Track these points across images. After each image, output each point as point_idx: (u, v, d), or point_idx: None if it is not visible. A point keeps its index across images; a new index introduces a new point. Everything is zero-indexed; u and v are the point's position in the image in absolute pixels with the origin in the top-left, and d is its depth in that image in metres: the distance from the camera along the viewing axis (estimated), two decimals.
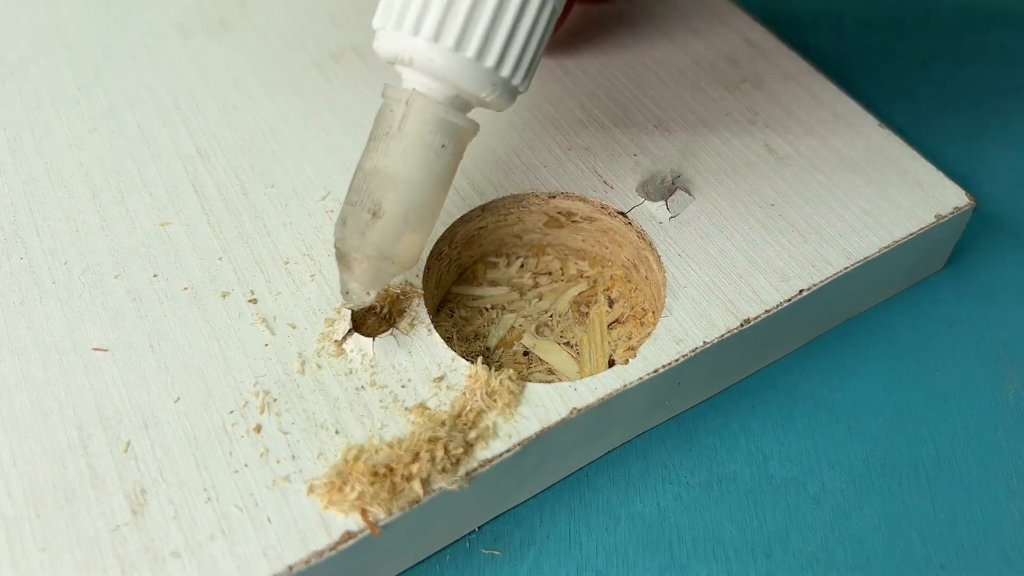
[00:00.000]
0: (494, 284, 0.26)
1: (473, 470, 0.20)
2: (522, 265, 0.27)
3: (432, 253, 0.24)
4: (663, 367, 0.22)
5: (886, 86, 0.34)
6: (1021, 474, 0.23)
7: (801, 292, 0.23)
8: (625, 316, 0.25)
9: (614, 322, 0.25)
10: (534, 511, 0.23)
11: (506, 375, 0.21)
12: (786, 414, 0.25)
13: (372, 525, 0.19)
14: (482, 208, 0.25)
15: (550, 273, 0.27)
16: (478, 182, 0.26)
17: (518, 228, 0.26)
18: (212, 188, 0.26)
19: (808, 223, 0.25)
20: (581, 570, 0.22)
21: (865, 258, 0.24)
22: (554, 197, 0.26)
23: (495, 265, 0.27)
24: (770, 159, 0.26)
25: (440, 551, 0.22)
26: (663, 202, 0.25)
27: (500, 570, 0.22)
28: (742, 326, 0.23)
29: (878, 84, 0.34)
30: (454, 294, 0.26)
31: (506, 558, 0.22)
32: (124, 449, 0.20)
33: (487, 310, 0.26)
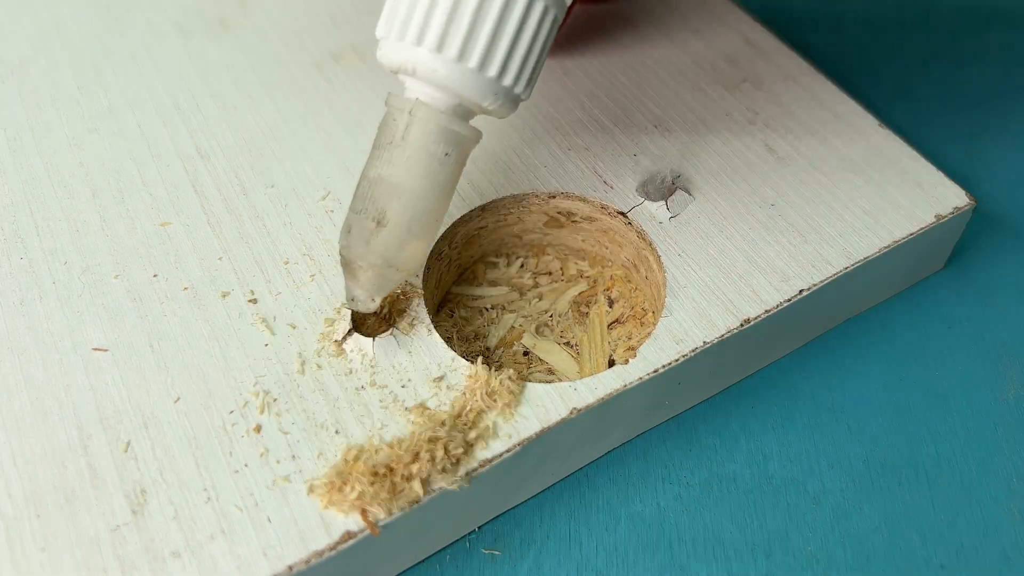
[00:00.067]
0: (494, 284, 0.26)
1: (473, 470, 0.20)
2: (522, 265, 0.27)
3: (432, 253, 0.24)
4: (663, 367, 0.22)
5: (886, 86, 0.34)
6: (1021, 474, 0.23)
7: (801, 292, 0.23)
8: (625, 316, 0.25)
9: (614, 322, 0.25)
10: (534, 511, 0.23)
11: (506, 375, 0.21)
12: (786, 414, 0.25)
13: (372, 525, 0.19)
14: (482, 208, 0.25)
15: (550, 273, 0.27)
16: (478, 182, 0.26)
17: (518, 228, 0.26)
18: (212, 188, 0.26)
19: (808, 223, 0.25)
20: (581, 570, 0.22)
21: (865, 258, 0.24)
22: (554, 197, 0.26)
23: (495, 265, 0.27)
24: (770, 159, 0.26)
25: (440, 551, 0.22)
26: (663, 202, 0.25)
27: (500, 570, 0.22)
28: (742, 326, 0.23)
29: (878, 84, 0.34)
30: (454, 294, 0.26)
31: (506, 558, 0.22)
32: (124, 449, 0.20)
33: (487, 310, 0.26)
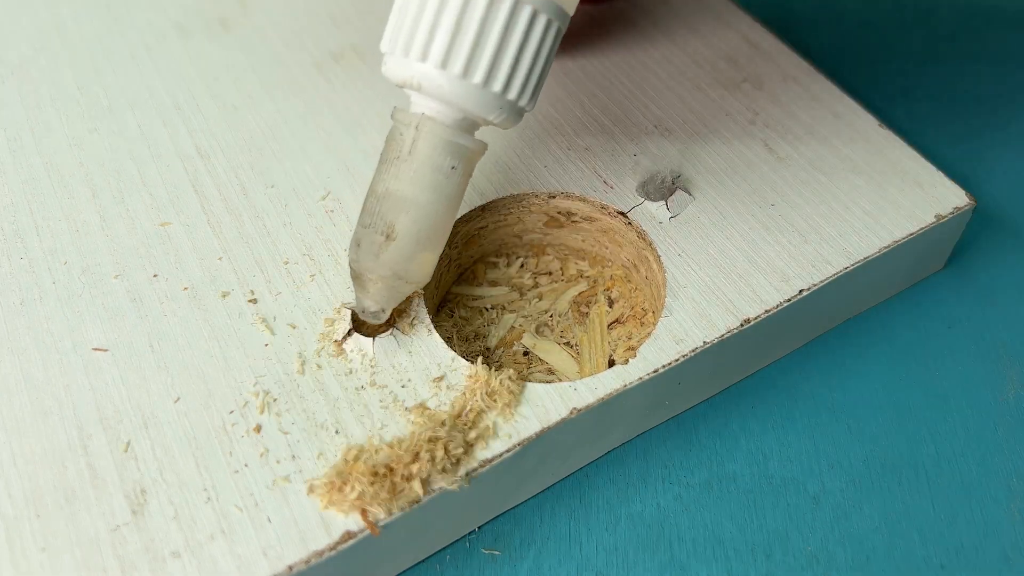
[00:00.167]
0: (494, 284, 0.26)
1: (473, 470, 0.20)
2: (522, 265, 0.27)
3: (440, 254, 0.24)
4: (663, 367, 0.22)
5: (886, 86, 0.34)
6: (1021, 474, 0.23)
7: (801, 292, 0.23)
8: (625, 316, 0.25)
9: (614, 322, 0.25)
10: (534, 511, 0.23)
11: (506, 375, 0.21)
12: (786, 414, 0.25)
13: (372, 525, 0.19)
14: (482, 208, 0.25)
15: (550, 273, 0.27)
16: (478, 182, 0.26)
17: (518, 228, 0.26)
18: (212, 188, 0.26)
19: (808, 223, 0.25)
20: (581, 570, 0.22)
21: (865, 258, 0.24)
22: (554, 197, 0.26)
23: (495, 265, 0.27)
24: (770, 159, 0.26)
25: (440, 551, 0.22)
26: (663, 202, 0.25)
27: (500, 570, 0.22)
28: (742, 326, 0.23)
29: (878, 84, 0.34)
30: (454, 294, 0.26)
31: (506, 558, 0.22)
32: (124, 449, 0.20)
33: (487, 310, 0.26)
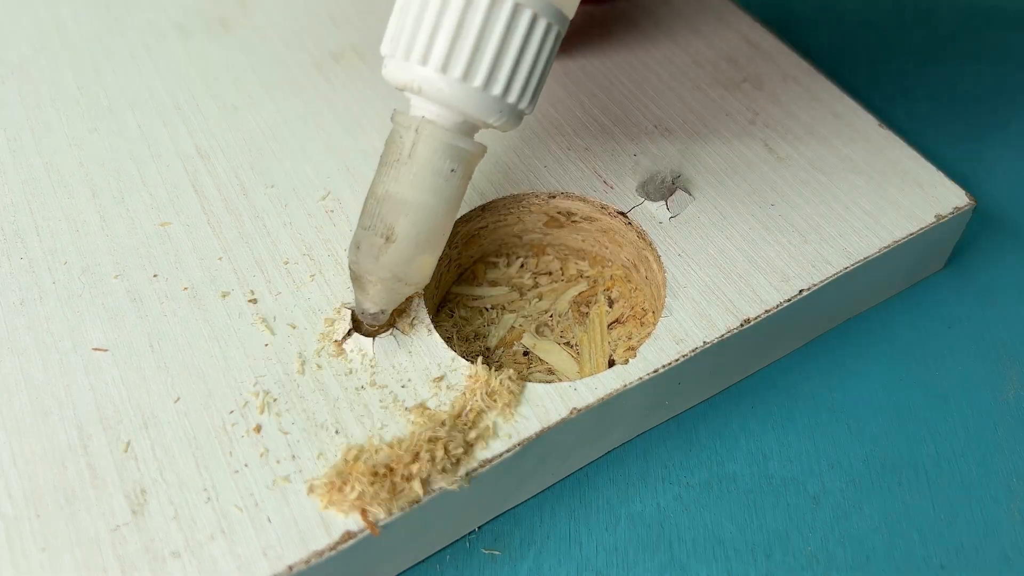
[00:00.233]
0: (494, 284, 0.26)
1: (473, 470, 0.20)
2: (522, 265, 0.27)
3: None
4: (663, 367, 0.22)
5: (886, 86, 0.34)
6: (1021, 474, 0.23)
7: (801, 292, 0.23)
8: (625, 316, 0.25)
9: (614, 322, 0.25)
10: (534, 511, 0.23)
11: (506, 375, 0.21)
12: (786, 414, 0.25)
13: (372, 525, 0.19)
14: (482, 208, 0.25)
15: (550, 273, 0.27)
16: (478, 182, 0.26)
17: (518, 228, 0.26)
18: (212, 188, 0.26)
19: (808, 223, 0.25)
20: (581, 570, 0.22)
21: (865, 258, 0.24)
22: (554, 197, 0.26)
23: (495, 265, 0.27)
24: (770, 159, 0.26)
25: (440, 551, 0.22)
26: (663, 202, 0.25)
27: (500, 570, 0.22)
28: (742, 326, 0.23)
29: (878, 84, 0.34)
30: (454, 294, 0.26)
31: (506, 558, 0.22)
32: (124, 449, 0.20)
33: (487, 310, 0.26)
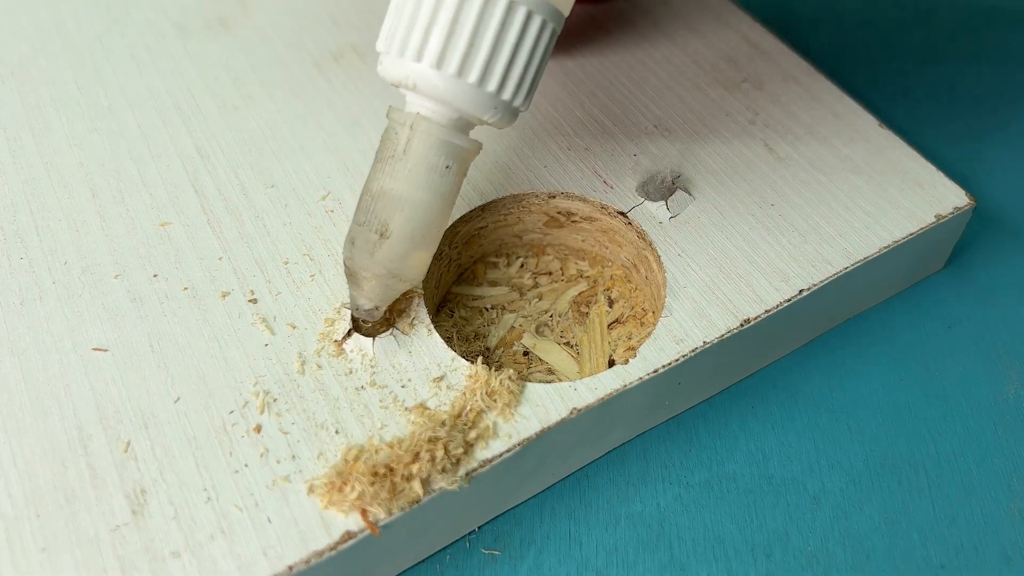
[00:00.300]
0: (494, 284, 0.26)
1: (473, 470, 0.20)
2: (522, 265, 0.27)
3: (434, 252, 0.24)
4: (663, 367, 0.22)
5: (886, 86, 0.34)
6: (1021, 474, 0.23)
7: (801, 292, 0.23)
8: (625, 316, 0.25)
9: (614, 322, 0.25)
10: (534, 511, 0.23)
11: (506, 375, 0.21)
12: (786, 414, 0.25)
13: (372, 525, 0.19)
14: (482, 208, 0.25)
15: (550, 273, 0.27)
16: (478, 182, 0.26)
17: (518, 228, 0.26)
18: (212, 188, 0.26)
19: (808, 223, 0.25)
20: (581, 570, 0.22)
21: (865, 258, 0.24)
22: (554, 197, 0.26)
23: (495, 265, 0.27)
24: (770, 159, 0.26)
25: (440, 551, 0.22)
26: (663, 202, 0.25)
27: (500, 570, 0.22)
28: (742, 326, 0.23)
29: (878, 84, 0.34)
30: (454, 294, 0.26)
31: (506, 558, 0.22)
32: (124, 449, 0.20)
33: (487, 310, 0.26)
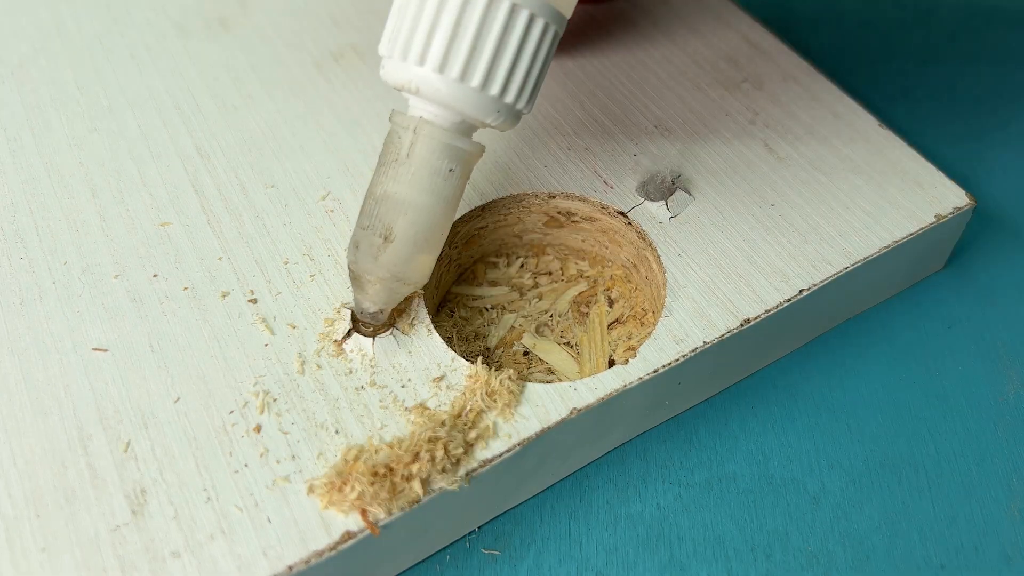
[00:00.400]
0: (494, 284, 0.26)
1: (473, 470, 0.20)
2: (522, 265, 0.27)
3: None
4: (663, 367, 0.22)
5: (886, 86, 0.34)
6: (1021, 474, 0.23)
7: (801, 292, 0.23)
8: (625, 316, 0.25)
9: (614, 322, 0.25)
10: (534, 511, 0.23)
11: (506, 375, 0.21)
12: (786, 414, 0.25)
13: (372, 525, 0.19)
14: (482, 208, 0.25)
15: (550, 273, 0.27)
16: (478, 182, 0.26)
17: (518, 228, 0.26)
18: (212, 188, 0.26)
19: (808, 223, 0.25)
20: (581, 570, 0.22)
21: (865, 258, 0.24)
22: (554, 197, 0.26)
23: (495, 265, 0.27)
24: (770, 159, 0.26)
25: (440, 551, 0.22)
26: (663, 202, 0.25)
27: (500, 570, 0.22)
28: (742, 326, 0.23)
29: (878, 84, 0.34)
30: (454, 294, 0.26)
31: (506, 558, 0.22)
32: (124, 449, 0.20)
33: (487, 310, 0.26)
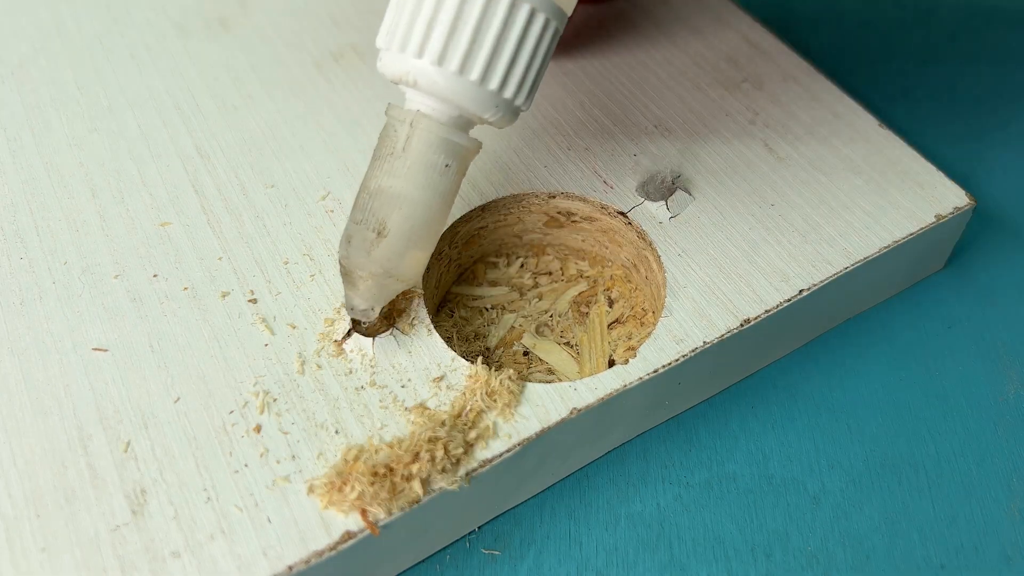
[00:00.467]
0: (494, 284, 0.26)
1: (473, 470, 0.20)
2: (522, 265, 0.27)
3: (432, 253, 0.24)
4: (663, 367, 0.22)
5: (886, 86, 0.34)
6: (1021, 474, 0.23)
7: (801, 292, 0.23)
8: (625, 316, 0.25)
9: (614, 322, 0.25)
10: (534, 511, 0.23)
11: (506, 375, 0.21)
12: (786, 414, 0.25)
13: (372, 525, 0.19)
14: (482, 208, 0.25)
15: (550, 273, 0.27)
16: (478, 182, 0.26)
17: (518, 228, 0.26)
18: (212, 188, 0.26)
19: (808, 223, 0.25)
20: (581, 570, 0.22)
21: (865, 258, 0.24)
22: (554, 197, 0.26)
23: (495, 265, 0.27)
24: (770, 159, 0.26)
25: (440, 551, 0.22)
26: (663, 202, 0.25)
27: (500, 570, 0.22)
28: (742, 326, 0.23)
29: (878, 84, 0.34)
30: (454, 294, 0.26)
31: (506, 558, 0.22)
32: (124, 449, 0.20)
33: (487, 310, 0.26)
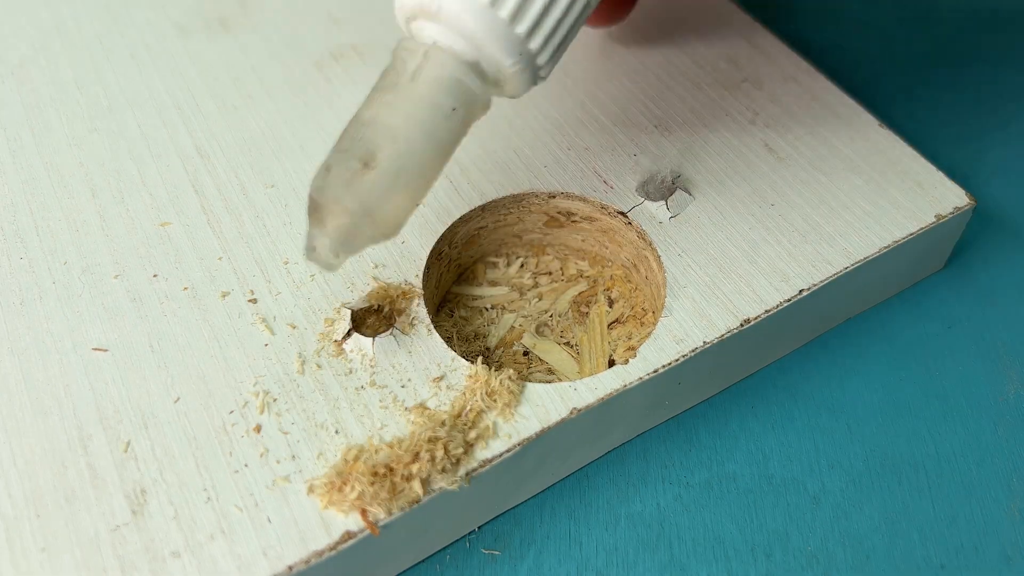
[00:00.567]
0: (494, 284, 0.26)
1: (473, 470, 0.20)
2: (522, 265, 0.27)
3: (432, 253, 0.24)
4: (663, 367, 0.22)
5: (886, 86, 0.34)
6: (1021, 474, 0.23)
7: (801, 292, 0.23)
8: (625, 316, 0.25)
9: (614, 322, 0.25)
10: (534, 511, 0.23)
11: (506, 375, 0.21)
12: (786, 414, 0.25)
13: (372, 525, 0.19)
14: (482, 208, 0.25)
15: (550, 273, 0.27)
16: (478, 182, 0.26)
17: (518, 228, 0.26)
18: (212, 188, 0.26)
19: (808, 223, 0.25)
20: (581, 570, 0.22)
21: (865, 258, 0.24)
22: (554, 197, 0.26)
23: (495, 265, 0.27)
24: (770, 159, 0.26)
25: (440, 551, 0.22)
26: (663, 202, 0.25)
27: (500, 570, 0.22)
28: (742, 326, 0.23)
29: (878, 84, 0.34)
30: (454, 294, 0.26)
31: (506, 558, 0.22)
32: (124, 449, 0.20)
33: (487, 310, 0.26)
